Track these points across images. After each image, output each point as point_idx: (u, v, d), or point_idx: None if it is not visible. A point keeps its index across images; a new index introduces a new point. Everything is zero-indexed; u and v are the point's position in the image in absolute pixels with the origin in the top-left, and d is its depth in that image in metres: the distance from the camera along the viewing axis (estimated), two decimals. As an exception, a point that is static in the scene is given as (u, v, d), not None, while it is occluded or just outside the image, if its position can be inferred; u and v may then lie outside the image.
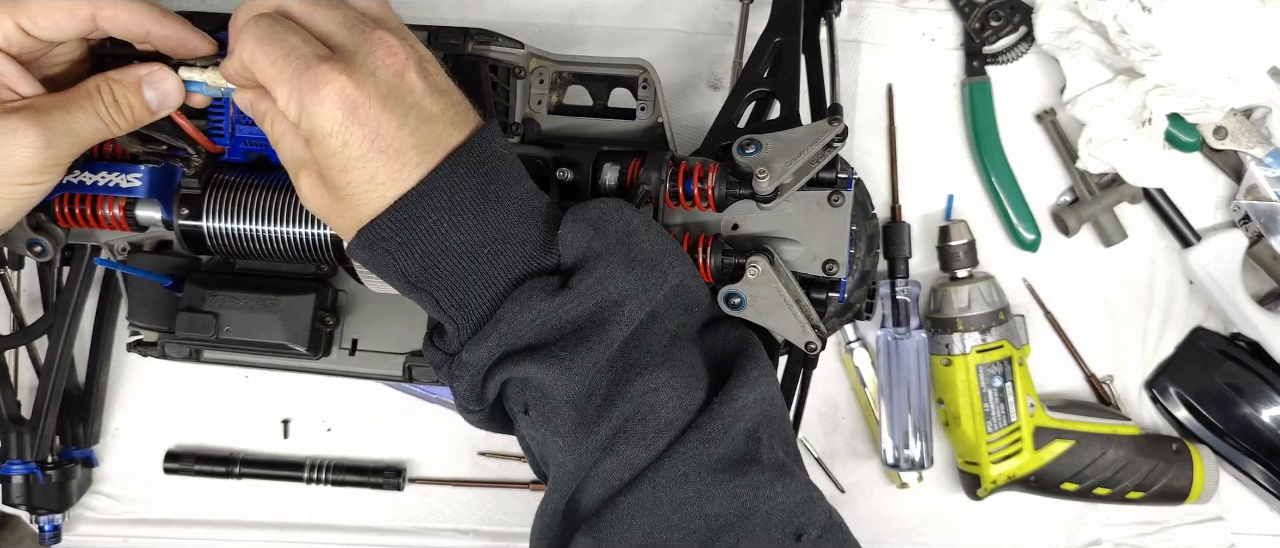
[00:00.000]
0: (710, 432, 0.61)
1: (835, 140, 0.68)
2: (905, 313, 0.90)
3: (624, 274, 0.60)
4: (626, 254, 0.61)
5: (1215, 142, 0.90)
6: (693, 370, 0.63)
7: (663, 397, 0.61)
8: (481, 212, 0.58)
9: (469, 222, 0.58)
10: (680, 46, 0.92)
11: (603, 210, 0.61)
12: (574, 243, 0.60)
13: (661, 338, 0.62)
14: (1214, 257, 0.90)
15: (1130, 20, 0.83)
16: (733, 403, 0.62)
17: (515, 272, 0.59)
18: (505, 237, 0.59)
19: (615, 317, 0.60)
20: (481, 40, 0.76)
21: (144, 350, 0.79)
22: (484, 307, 0.59)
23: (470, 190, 0.58)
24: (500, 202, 0.59)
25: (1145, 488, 0.90)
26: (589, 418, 0.60)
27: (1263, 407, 0.90)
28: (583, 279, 0.59)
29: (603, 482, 0.60)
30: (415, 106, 0.57)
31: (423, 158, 0.57)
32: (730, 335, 0.67)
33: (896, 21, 0.93)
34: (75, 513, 0.94)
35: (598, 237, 0.60)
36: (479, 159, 0.58)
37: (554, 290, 0.59)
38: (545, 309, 0.59)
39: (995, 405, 0.89)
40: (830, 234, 0.71)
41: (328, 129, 0.55)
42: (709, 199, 0.70)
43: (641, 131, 0.78)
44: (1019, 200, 0.92)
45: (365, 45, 0.57)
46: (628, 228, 0.62)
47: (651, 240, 0.63)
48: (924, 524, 0.96)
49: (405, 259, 0.58)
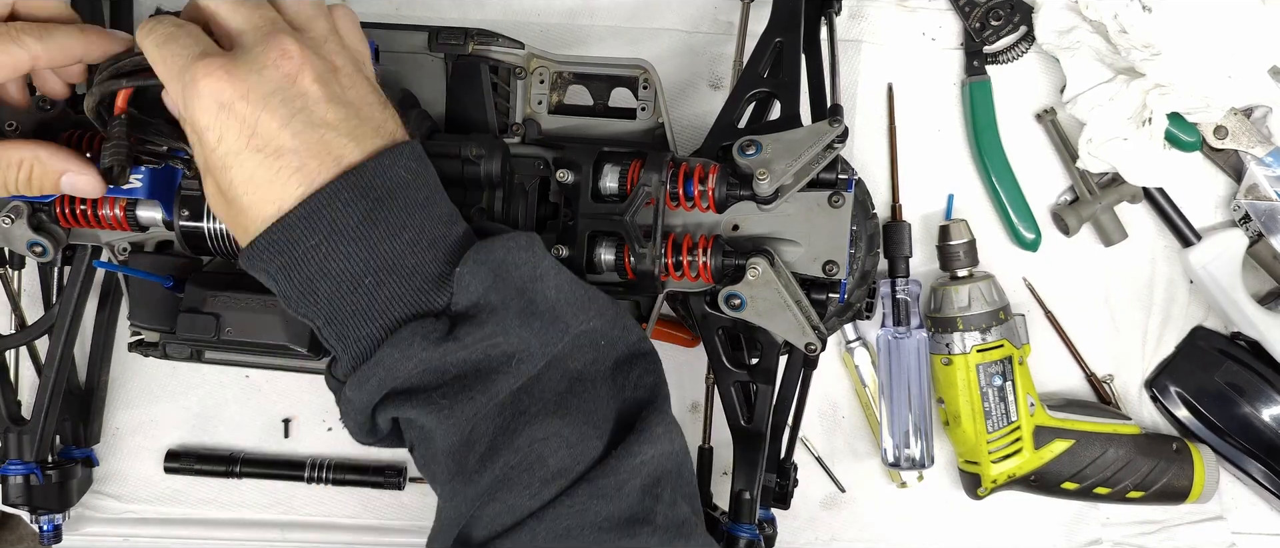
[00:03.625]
0: (601, 488, 0.58)
1: (836, 141, 0.69)
2: (905, 312, 0.90)
3: (519, 329, 0.58)
4: (525, 307, 0.58)
5: (1215, 141, 0.90)
6: (590, 419, 0.60)
7: (552, 446, 0.58)
8: (366, 239, 0.55)
9: (351, 248, 0.55)
10: (681, 46, 0.92)
11: (508, 253, 0.58)
12: (470, 287, 0.57)
13: (559, 384, 0.60)
14: (1214, 256, 0.90)
15: (1130, 20, 0.83)
16: (630, 458, 0.60)
17: (398, 308, 0.56)
18: (392, 268, 0.56)
19: (504, 369, 0.58)
20: (482, 40, 0.76)
21: (145, 351, 0.79)
22: (364, 342, 0.57)
23: (358, 215, 0.55)
24: (391, 229, 0.56)
25: (1145, 487, 0.90)
26: (469, 467, 0.58)
27: (1263, 406, 0.90)
28: (471, 332, 0.57)
29: (487, 525, 0.58)
30: (304, 110, 0.55)
31: (305, 164, 0.55)
32: (642, 381, 0.65)
33: (897, 21, 0.93)
34: (76, 513, 0.94)
35: (497, 285, 0.57)
36: (372, 183, 0.56)
37: (438, 339, 0.56)
38: (424, 358, 0.56)
39: (995, 405, 0.89)
40: (831, 235, 0.71)
41: (205, 122, 0.55)
42: (710, 200, 0.71)
43: (642, 132, 0.78)
44: (1019, 200, 0.92)
45: (260, 45, 0.56)
46: (532, 274, 0.59)
47: (558, 288, 0.60)
48: (924, 524, 0.96)
49: (284, 281, 0.57)
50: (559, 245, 0.71)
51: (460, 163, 0.70)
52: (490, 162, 0.70)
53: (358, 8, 0.91)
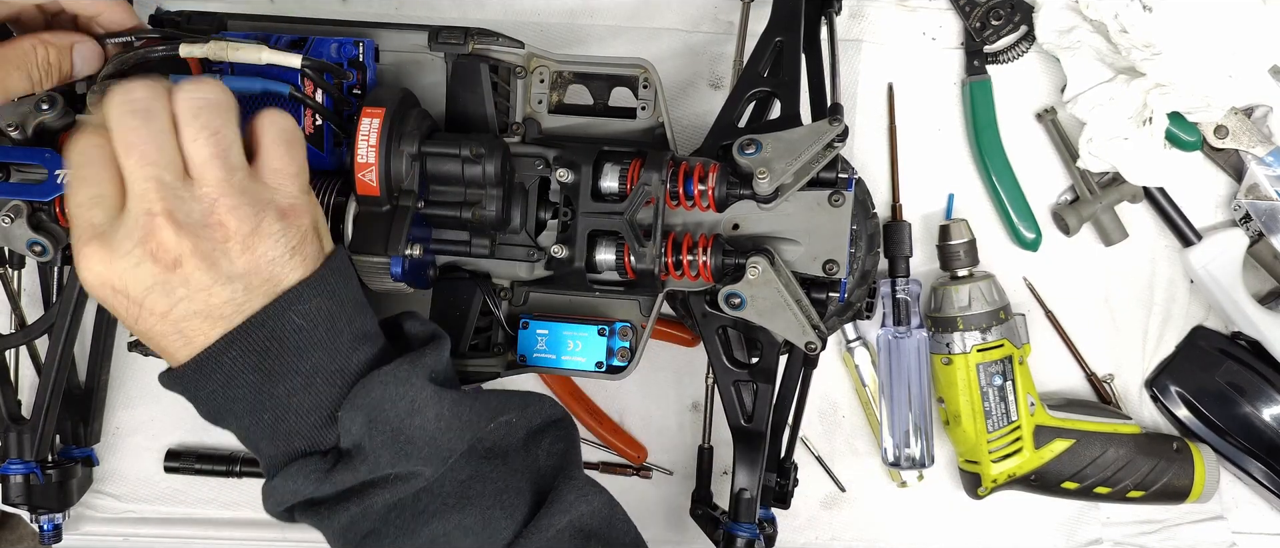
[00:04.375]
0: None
1: (836, 140, 0.69)
2: (906, 312, 0.89)
3: (391, 466, 0.60)
4: (399, 447, 0.60)
5: (1216, 140, 0.89)
6: (499, 500, 0.63)
7: (456, 538, 0.62)
8: (257, 386, 0.59)
9: (244, 394, 0.59)
10: (681, 46, 0.92)
11: (384, 392, 0.60)
12: (351, 430, 0.60)
13: (460, 474, 0.63)
14: (1214, 256, 0.90)
15: (1131, 19, 0.82)
16: (543, 533, 0.63)
17: (296, 442, 0.61)
18: (286, 407, 0.59)
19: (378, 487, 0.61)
20: (482, 40, 0.76)
21: (145, 351, 0.79)
22: (271, 461, 0.62)
23: (247, 366, 0.58)
24: (280, 375, 0.59)
25: (1146, 487, 0.90)
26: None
27: (1263, 406, 0.90)
28: (345, 475, 0.60)
29: None
30: (186, 299, 0.57)
31: (192, 340, 0.58)
32: (553, 449, 0.68)
33: (897, 20, 0.93)
34: (76, 512, 0.94)
35: (371, 429, 0.60)
36: (258, 336, 0.58)
37: (319, 479, 0.60)
38: (306, 492, 0.60)
39: (995, 404, 0.89)
40: (831, 234, 0.71)
41: (97, 294, 0.58)
42: (710, 200, 0.71)
43: (642, 131, 0.78)
44: (1019, 199, 0.91)
45: (141, 228, 0.56)
46: (409, 410, 0.60)
47: (437, 418, 0.61)
48: (924, 523, 0.96)
49: (198, 407, 0.62)
50: (559, 245, 0.71)
51: (460, 162, 0.70)
52: (490, 161, 0.70)
53: (358, 7, 0.92)
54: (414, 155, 0.69)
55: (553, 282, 0.76)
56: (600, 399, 0.94)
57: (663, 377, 0.94)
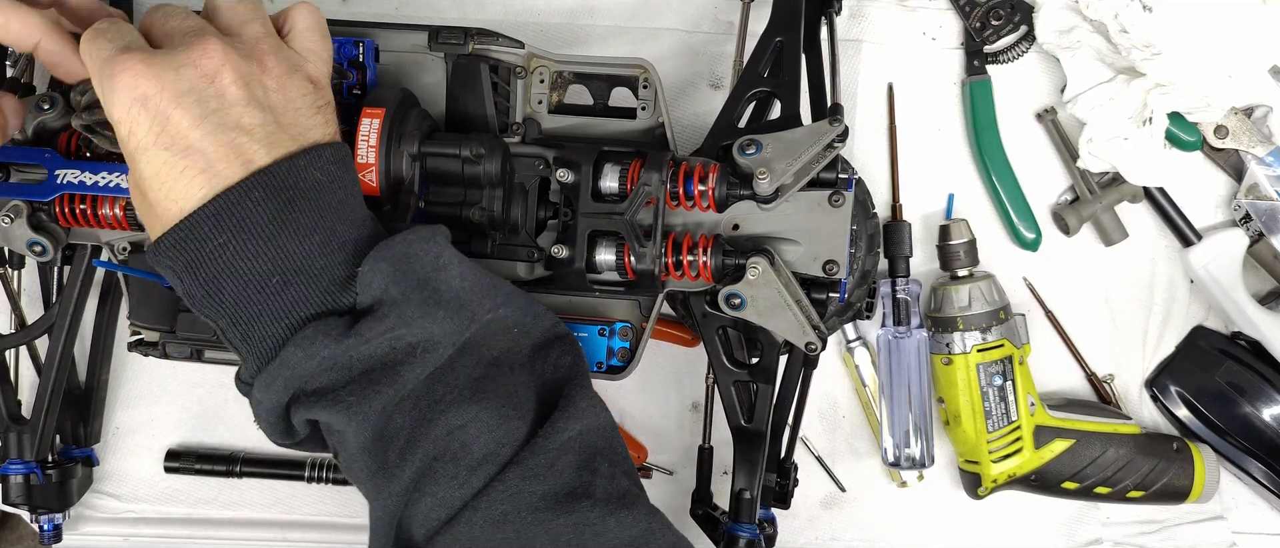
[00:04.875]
0: (532, 467, 0.58)
1: (836, 141, 0.69)
2: (906, 312, 0.89)
3: (421, 319, 0.58)
4: (428, 297, 0.58)
5: (1216, 140, 0.90)
6: (511, 400, 0.60)
7: (472, 432, 0.58)
8: (275, 239, 0.55)
9: (258, 247, 0.55)
10: (681, 46, 0.92)
11: (408, 246, 0.58)
12: (372, 283, 0.57)
13: (473, 369, 0.60)
14: (1215, 256, 0.90)
15: (1131, 19, 0.82)
16: (558, 435, 0.60)
17: (304, 308, 0.56)
18: (299, 269, 0.56)
19: (408, 360, 0.58)
20: (482, 40, 0.76)
21: (145, 350, 0.79)
22: (268, 342, 0.57)
23: (267, 216, 0.55)
24: (301, 230, 0.56)
25: (1146, 487, 0.90)
26: (390, 462, 0.58)
27: (1263, 406, 0.90)
28: (372, 326, 0.56)
29: (423, 523, 0.58)
30: (219, 111, 0.55)
31: (212, 165, 0.55)
32: (561, 362, 0.65)
33: (897, 21, 0.93)
34: (76, 512, 0.94)
35: (397, 278, 0.57)
36: (284, 183, 0.56)
37: (340, 335, 0.56)
38: (327, 356, 0.56)
39: (995, 404, 0.89)
40: (831, 235, 0.71)
41: (118, 115, 0.55)
42: (710, 200, 0.71)
43: (642, 131, 0.78)
44: (1019, 199, 0.91)
45: (183, 44, 0.56)
46: (435, 264, 0.59)
47: (462, 277, 0.60)
48: (924, 523, 0.96)
49: (189, 279, 0.56)
50: (559, 245, 0.71)
51: (460, 162, 0.70)
52: (490, 161, 0.70)
53: (358, 7, 0.92)
54: (414, 155, 0.69)
55: (553, 282, 0.76)
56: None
57: (663, 377, 0.94)
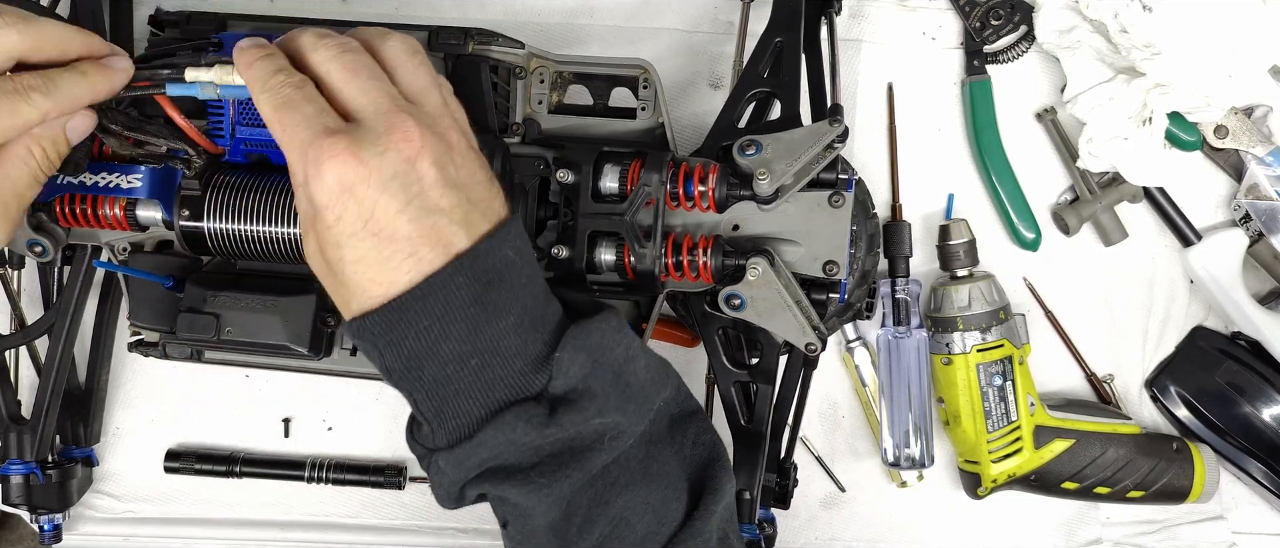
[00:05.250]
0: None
1: (836, 141, 0.69)
2: (905, 312, 0.89)
3: (614, 411, 0.60)
4: (621, 391, 0.60)
5: (1216, 140, 0.89)
6: (669, 480, 0.63)
7: (638, 514, 0.61)
8: (475, 321, 0.56)
9: (460, 331, 0.56)
10: (680, 46, 0.92)
11: (603, 337, 0.60)
12: (570, 372, 0.58)
13: (638, 451, 0.62)
14: (1214, 256, 0.90)
15: (1131, 19, 0.82)
16: (710, 518, 0.63)
17: (500, 391, 0.58)
18: (496, 350, 0.57)
19: (598, 447, 0.60)
20: (482, 40, 0.76)
21: (145, 351, 0.79)
22: (461, 419, 0.58)
23: (467, 299, 0.56)
24: (497, 312, 0.57)
25: (1146, 487, 0.90)
26: (570, 539, 0.61)
27: (1263, 406, 0.90)
28: (572, 417, 0.58)
29: None
30: (420, 195, 0.56)
31: (416, 251, 0.55)
32: (701, 439, 0.66)
33: (897, 20, 0.93)
34: (76, 512, 0.94)
35: (595, 370, 0.59)
36: (483, 267, 0.57)
37: (541, 423, 0.57)
38: (526, 443, 0.58)
39: (995, 404, 0.89)
40: (831, 235, 0.71)
41: (325, 202, 0.56)
42: (710, 200, 0.71)
43: (642, 131, 0.78)
44: (1019, 199, 0.91)
45: (383, 124, 0.56)
46: (626, 357, 0.61)
47: (646, 368, 0.62)
48: (924, 523, 0.96)
49: (391, 356, 0.57)
50: (559, 245, 0.71)
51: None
52: (490, 162, 0.69)
53: (358, 8, 0.92)
54: (414, 156, 0.69)
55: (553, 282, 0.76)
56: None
57: (663, 377, 0.94)
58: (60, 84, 0.60)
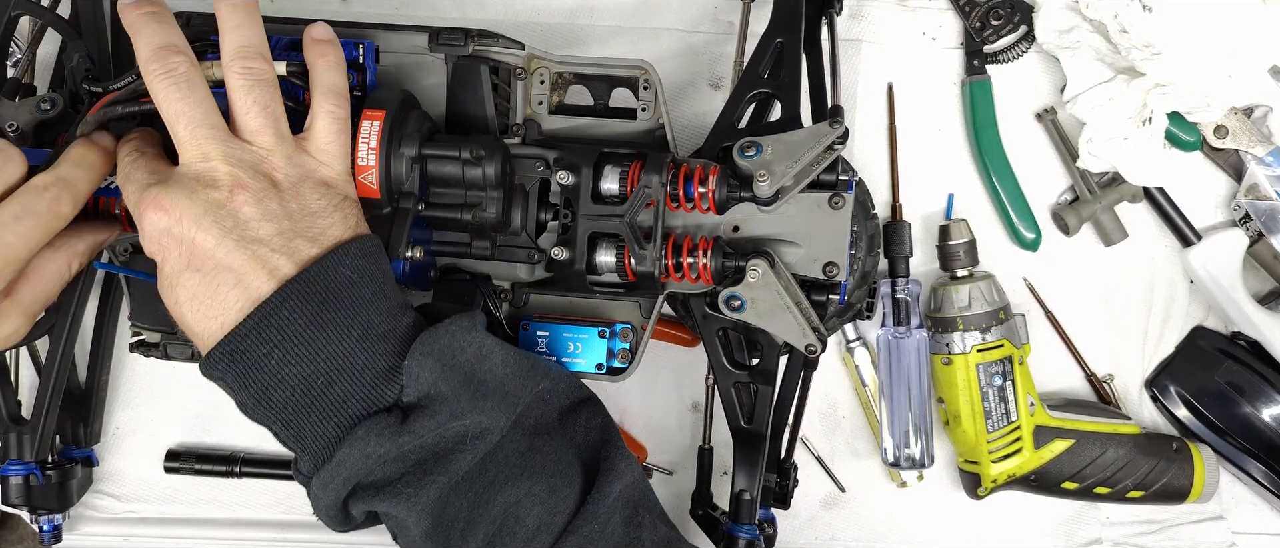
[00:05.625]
0: (587, 534, 0.62)
1: (836, 143, 0.69)
2: (905, 312, 0.90)
3: (470, 412, 0.60)
4: (475, 390, 0.61)
5: (1216, 140, 0.90)
6: (557, 469, 0.64)
7: (526, 507, 0.62)
8: (314, 342, 0.58)
9: (300, 353, 0.57)
10: (681, 46, 0.92)
11: (452, 338, 0.60)
12: (420, 379, 0.59)
13: (518, 445, 0.63)
14: (1214, 256, 0.90)
15: (1131, 19, 0.82)
16: (605, 500, 0.63)
17: (350, 407, 0.58)
18: (342, 367, 0.58)
19: (459, 448, 0.60)
20: (482, 41, 0.76)
21: (146, 351, 0.79)
22: (320, 442, 0.59)
23: (303, 321, 0.57)
24: (338, 330, 0.58)
25: (1145, 487, 0.90)
26: (453, 544, 0.61)
27: (1263, 406, 0.90)
28: (424, 423, 0.59)
29: None
30: (236, 228, 0.58)
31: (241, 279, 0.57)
32: (592, 424, 0.68)
33: (897, 21, 0.93)
34: (76, 513, 0.94)
35: (444, 373, 0.59)
36: (315, 288, 0.58)
37: (393, 433, 0.58)
38: (382, 454, 0.58)
39: (995, 405, 0.89)
40: (831, 237, 0.71)
41: (150, 248, 0.59)
42: (710, 202, 0.71)
43: (643, 132, 0.78)
44: (1019, 199, 0.91)
45: (199, 163, 0.58)
46: (478, 356, 0.61)
47: (505, 363, 0.63)
48: (924, 523, 0.96)
49: (239, 390, 0.59)
50: (559, 247, 0.71)
51: (460, 164, 0.70)
52: (490, 163, 0.70)
53: (358, 9, 0.92)
54: (414, 158, 0.69)
55: (553, 283, 0.76)
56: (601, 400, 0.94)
57: (663, 378, 0.94)
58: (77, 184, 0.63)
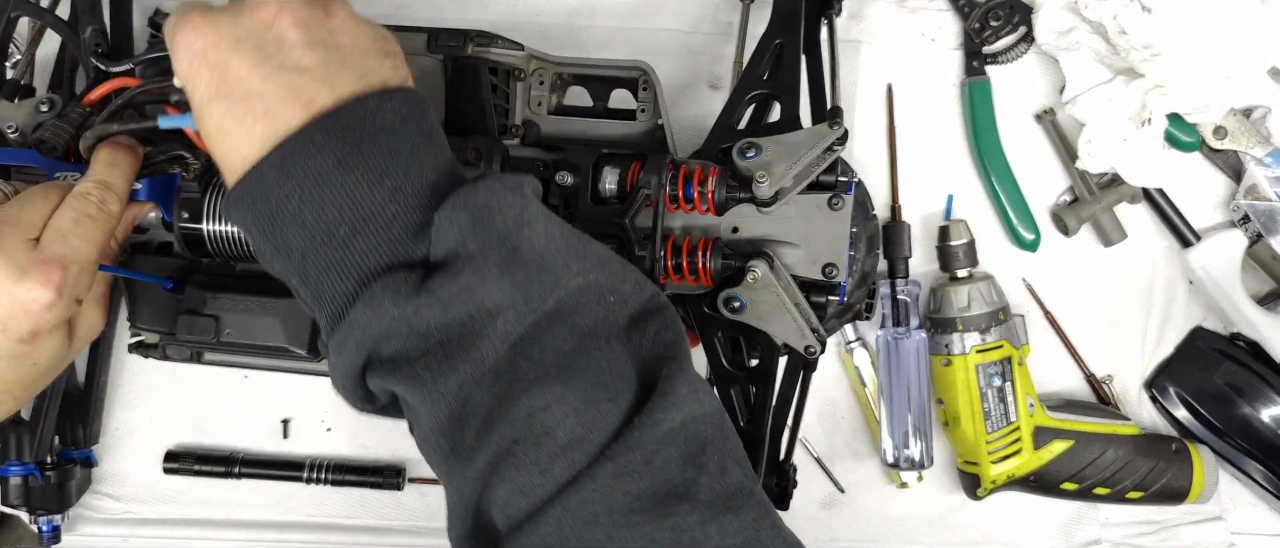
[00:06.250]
0: (627, 463, 0.51)
1: (835, 144, 0.69)
2: (905, 313, 0.90)
3: (498, 280, 0.51)
4: (507, 256, 0.52)
5: (1215, 141, 0.90)
6: (601, 380, 0.53)
7: (556, 415, 0.51)
8: (342, 185, 0.51)
9: (325, 195, 0.51)
10: (680, 47, 0.92)
11: (491, 196, 0.52)
12: (447, 234, 0.51)
13: (562, 342, 0.53)
14: (1213, 256, 0.90)
15: (1130, 20, 0.82)
16: (656, 426, 0.52)
17: (373, 259, 0.51)
18: (369, 216, 0.51)
19: (486, 331, 0.51)
20: (481, 42, 0.76)
21: (145, 352, 0.79)
22: (339, 300, 0.52)
23: (333, 160, 0.51)
24: (371, 175, 0.51)
25: (1145, 488, 0.90)
26: (465, 444, 0.52)
27: (1262, 407, 0.90)
28: (445, 284, 0.50)
29: (502, 509, 0.52)
30: (277, 55, 0.53)
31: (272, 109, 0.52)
32: (660, 337, 0.57)
33: (896, 21, 0.93)
34: (75, 513, 0.94)
35: (475, 230, 0.51)
36: (350, 125, 0.52)
37: (409, 292, 0.50)
38: (398, 315, 0.50)
39: (995, 405, 0.89)
40: (830, 238, 0.71)
41: (182, 72, 0.54)
42: (709, 203, 0.70)
43: (642, 133, 0.78)
44: (1019, 200, 0.92)
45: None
46: (518, 219, 0.52)
47: (548, 236, 0.53)
48: (924, 524, 0.96)
49: (258, 235, 0.53)
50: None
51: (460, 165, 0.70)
52: (489, 164, 0.70)
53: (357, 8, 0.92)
54: (413, 158, 0.69)
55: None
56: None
57: (662, 378, 0.94)
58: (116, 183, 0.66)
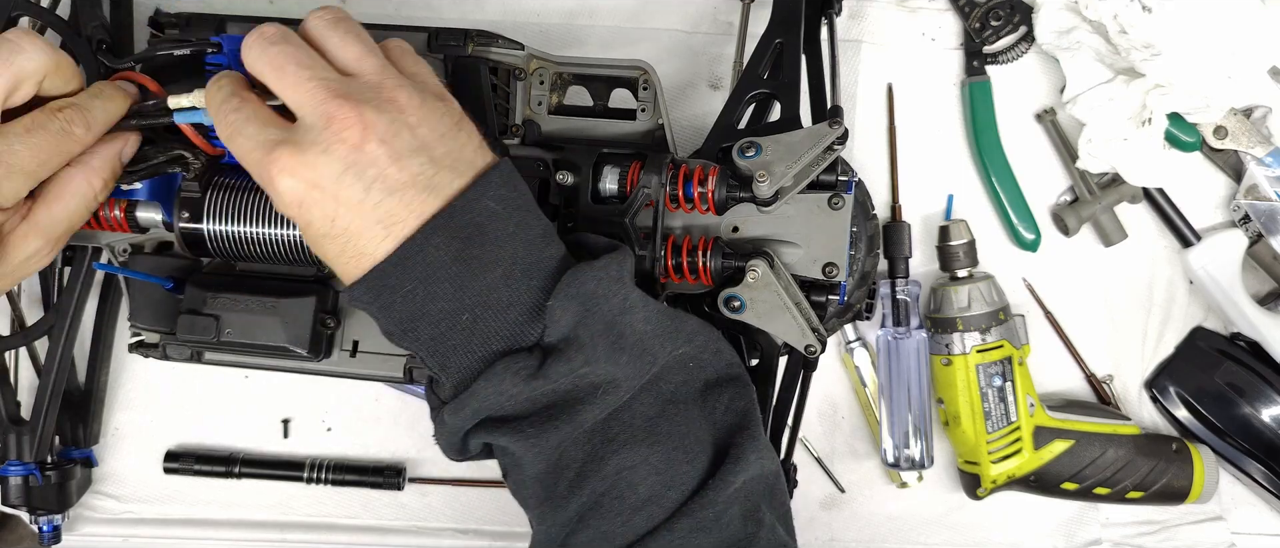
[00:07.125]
0: (701, 520, 0.59)
1: (835, 143, 0.68)
2: (905, 313, 0.90)
3: (606, 363, 0.58)
4: (613, 341, 0.59)
5: (1215, 141, 0.89)
6: (682, 443, 0.61)
7: (640, 474, 0.59)
8: (459, 279, 0.56)
9: (445, 290, 0.56)
10: (680, 47, 0.92)
11: (598, 285, 0.58)
12: (560, 321, 0.57)
13: (648, 409, 0.61)
14: (1214, 256, 0.90)
15: (1130, 20, 0.82)
16: (727, 488, 0.60)
17: (495, 343, 0.57)
18: (487, 303, 0.57)
19: (589, 400, 0.58)
20: (481, 42, 0.76)
21: (145, 352, 0.79)
22: (463, 373, 0.58)
23: (448, 257, 0.56)
24: (483, 265, 0.57)
25: (1145, 488, 0.90)
26: (558, 494, 0.60)
27: (1262, 406, 0.90)
28: (559, 368, 0.57)
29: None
30: (378, 179, 0.55)
31: (390, 230, 0.55)
32: (733, 406, 0.64)
33: (896, 21, 0.93)
34: (75, 513, 0.94)
35: (586, 318, 0.57)
36: (458, 224, 0.56)
37: (529, 374, 0.57)
38: (515, 394, 0.57)
39: (995, 405, 0.89)
40: (830, 237, 0.71)
41: (291, 213, 0.57)
42: (709, 203, 0.70)
43: (642, 133, 0.78)
44: (1019, 200, 0.91)
45: (320, 118, 0.55)
46: (622, 307, 0.59)
47: (646, 320, 0.60)
48: (924, 524, 0.96)
49: (385, 320, 0.58)
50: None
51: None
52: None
53: (358, 9, 0.91)
54: (414, 158, 0.69)
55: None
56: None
57: (662, 378, 0.94)
58: (92, 110, 0.64)
